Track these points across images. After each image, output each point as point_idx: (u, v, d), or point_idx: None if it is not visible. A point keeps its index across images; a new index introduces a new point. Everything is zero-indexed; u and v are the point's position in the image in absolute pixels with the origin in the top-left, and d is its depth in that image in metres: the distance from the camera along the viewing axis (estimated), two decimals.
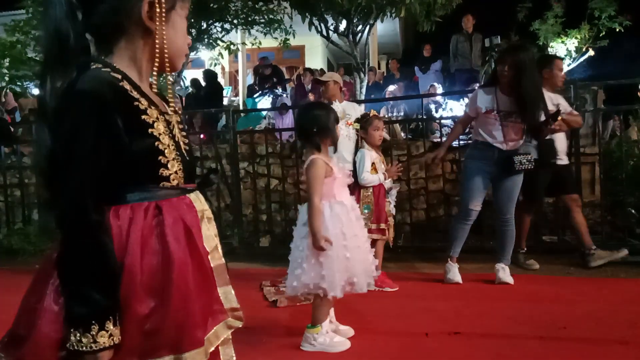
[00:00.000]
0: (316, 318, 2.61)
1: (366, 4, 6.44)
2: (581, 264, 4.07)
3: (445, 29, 7.73)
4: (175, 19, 1.11)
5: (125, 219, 1.00)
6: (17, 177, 6.14)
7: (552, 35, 8.34)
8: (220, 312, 1.13)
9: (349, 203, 2.60)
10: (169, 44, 1.09)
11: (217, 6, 7.47)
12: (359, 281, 2.51)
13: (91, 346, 0.93)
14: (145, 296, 0.99)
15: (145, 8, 1.05)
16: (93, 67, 1.03)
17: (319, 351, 2.55)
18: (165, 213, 1.03)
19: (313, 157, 2.54)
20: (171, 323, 1.00)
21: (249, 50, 10.46)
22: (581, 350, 2.48)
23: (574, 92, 4.75)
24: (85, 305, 0.93)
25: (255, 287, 3.82)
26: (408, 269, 4.31)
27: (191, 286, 1.03)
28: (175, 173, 1.07)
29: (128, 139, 1.00)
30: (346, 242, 2.49)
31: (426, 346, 2.61)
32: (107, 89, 1.00)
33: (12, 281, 4.47)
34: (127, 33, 1.07)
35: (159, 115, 1.07)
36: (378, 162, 3.67)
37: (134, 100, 1.04)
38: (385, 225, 3.60)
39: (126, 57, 1.08)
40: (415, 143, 5.77)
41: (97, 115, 0.97)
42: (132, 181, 1.03)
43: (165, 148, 1.06)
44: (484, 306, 3.19)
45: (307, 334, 2.61)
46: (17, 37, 8.19)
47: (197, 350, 1.03)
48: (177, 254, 1.01)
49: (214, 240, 1.14)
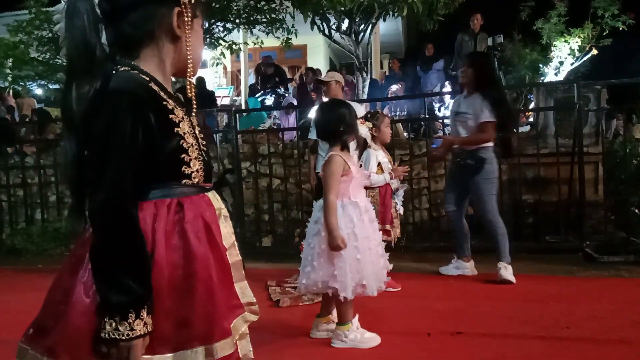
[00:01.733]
0: (344, 315, 2.59)
1: (368, 3, 6.43)
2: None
3: (448, 28, 7.72)
4: (197, 27, 1.17)
5: (149, 215, 1.04)
6: (20, 177, 6.15)
7: (555, 34, 8.32)
8: (238, 307, 1.17)
9: (363, 204, 2.59)
10: (193, 50, 1.15)
11: (219, 5, 7.47)
12: (369, 284, 2.50)
13: (128, 334, 0.96)
14: (172, 289, 1.03)
15: (176, 17, 1.10)
16: (121, 69, 1.08)
17: (350, 347, 2.55)
18: (187, 210, 1.08)
19: (332, 154, 2.54)
20: (199, 315, 1.04)
21: (251, 49, 10.44)
22: (584, 350, 2.48)
23: (577, 91, 4.74)
24: (124, 293, 0.96)
25: (257, 286, 3.81)
26: (411, 269, 4.31)
27: (215, 279, 1.08)
28: (196, 171, 1.12)
29: (159, 136, 1.05)
30: (357, 244, 2.48)
31: (429, 346, 2.60)
32: (140, 88, 1.05)
33: (15, 280, 4.49)
34: (156, 39, 1.12)
35: (184, 116, 1.12)
36: (385, 162, 3.65)
37: (163, 100, 1.09)
38: (390, 226, 3.58)
39: (153, 62, 1.13)
40: (418, 142, 5.77)
41: (133, 112, 1.02)
42: (157, 178, 1.07)
43: (189, 147, 1.11)
44: (486, 306, 3.19)
45: (338, 331, 2.59)
46: (19, 37, 8.19)
47: (226, 340, 1.08)
48: (199, 249, 1.06)
49: (231, 237, 1.19)
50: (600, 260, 4.19)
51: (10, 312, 1.58)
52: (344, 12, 6.83)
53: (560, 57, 8.20)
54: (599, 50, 8.28)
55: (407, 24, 12.77)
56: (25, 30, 8.05)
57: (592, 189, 4.95)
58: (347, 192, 2.54)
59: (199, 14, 1.17)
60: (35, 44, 8.16)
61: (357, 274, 2.47)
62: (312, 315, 2.91)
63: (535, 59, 8.65)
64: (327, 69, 11.04)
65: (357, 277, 2.47)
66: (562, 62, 8.18)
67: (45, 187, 6.14)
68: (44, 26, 7.93)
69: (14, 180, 6.22)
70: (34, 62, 8.62)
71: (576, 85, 4.79)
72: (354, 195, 2.56)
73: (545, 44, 8.53)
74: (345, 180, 2.53)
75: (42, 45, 8.12)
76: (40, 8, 7.90)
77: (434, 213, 5.53)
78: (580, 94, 4.76)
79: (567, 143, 4.88)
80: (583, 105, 4.80)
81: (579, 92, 4.72)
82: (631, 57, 10.35)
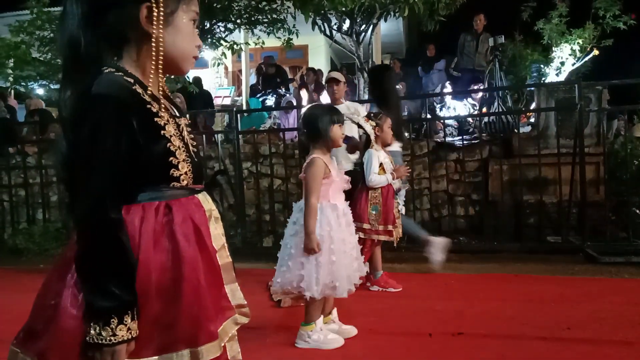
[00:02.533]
0: (310, 315, 2.63)
1: (369, 4, 6.42)
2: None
3: (449, 29, 7.71)
4: (179, 22, 1.12)
5: (137, 218, 1.04)
6: (21, 177, 6.16)
7: (556, 34, 8.30)
8: (228, 309, 1.17)
9: (341, 207, 2.63)
10: (171, 48, 1.11)
11: (221, 6, 7.47)
12: (340, 285, 2.53)
13: (111, 339, 0.96)
14: (159, 292, 1.03)
15: (144, 13, 1.07)
16: (106, 71, 1.06)
17: (314, 348, 2.58)
18: (175, 212, 1.07)
19: (313, 157, 2.57)
20: (185, 317, 1.04)
21: (252, 50, 10.44)
22: (585, 351, 2.47)
23: (578, 91, 4.74)
24: (107, 299, 0.97)
25: (258, 286, 3.81)
26: (411, 269, 4.31)
27: (203, 282, 1.07)
28: (185, 174, 1.11)
29: (142, 140, 1.04)
30: (333, 246, 2.51)
31: (429, 347, 2.60)
32: (123, 92, 1.03)
33: (17, 281, 4.49)
34: (131, 38, 1.09)
35: (170, 118, 1.11)
36: (387, 162, 3.65)
37: (147, 103, 1.07)
38: (392, 226, 3.58)
39: (135, 62, 1.11)
40: (419, 143, 5.77)
41: (115, 116, 1.01)
42: (144, 181, 1.06)
43: (176, 149, 1.09)
44: (487, 307, 3.19)
45: (302, 331, 2.63)
46: (21, 38, 8.21)
47: (212, 343, 1.07)
48: (188, 252, 1.06)
49: (221, 239, 1.18)
50: (601, 261, 4.19)
51: (12, 312, 1.58)
52: (345, 13, 6.82)
53: (561, 58, 8.19)
54: (600, 51, 8.27)
55: (408, 25, 12.77)
56: (26, 30, 8.07)
57: (593, 190, 4.95)
58: (327, 194, 2.58)
59: (182, 8, 1.12)
60: (37, 44, 8.18)
61: (329, 276, 2.50)
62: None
63: (537, 60, 8.64)
64: (328, 69, 11.03)
65: (328, 279, 2.50)
66: (563, 63, 8.17)
67: (46, 187, 6.15)
68: (46, 26, 7.94)
69: (16, 180, 6.23)
70: (35, 62, 8.63)
71: (577, 86, 4.78)
72: (333, 197, 2.60)
73: (547, 44, 8.52)
74: (326, 182, 2.57)
75: (44, 45, 8.13)
76: (41, 8, 7.91)
77: (434, 213, 5.53)
78: (582, 95, 4.76)
79: (568, 143, 4.87)
80: (584, 106, 4.80)
81: (580, 92, 4.72)
82: (632, 57, 10.33)
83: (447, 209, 5.56)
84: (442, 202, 5.62)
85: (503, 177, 5.15)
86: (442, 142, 5.94)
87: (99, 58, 1.08)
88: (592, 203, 4.78)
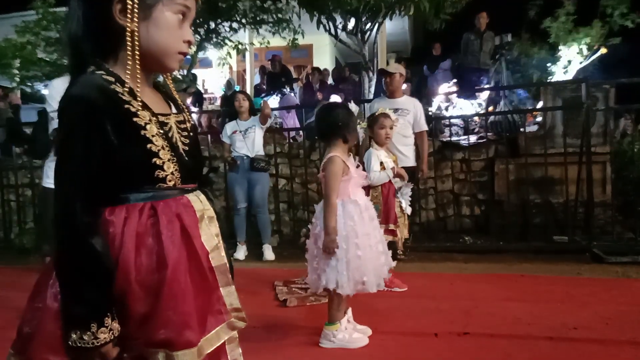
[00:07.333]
0: (333, 315, 2.62)
1: (375, 2, 6.41)
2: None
3: (455, 28, 7.68)
4: (159, 15, 1.06)
5: (120, 220, 1.02)
6: (28, 177, 6.19)
7: (563, 33, 8.25)
8: (222, 313, 1.13)
9: (362, 202, 2.62)
10: (151, 43, 1.06)
11: (226, 6, 7.49)
12: (368, 280, 2.52)
13: (93, 342, 0.96)
14: (140, 293, 1.01)
15: (117, 7, 1.03)
16: (89, 70, 1.05)
17: (339, 347, 2.56)
18: (160, 213, 1.04)
19: (331, 155, 2.57)
20: (162, 321, 1.01)
21: (256, 49, 10.46)
22: (591, 351, 2.46)
23: (585, 90, 4.71)
24: (82, 305, 0.96)
25: (264, 286, 3.82)
26: (417, 269, 4.30)
27: (185, 286, 1.04)
28: (171, 174, 1.08)
29: (119, 142, 1.01)
30: (358, 240, 2.50)
31: (435, 346, 2.60)
32: (96, 94, 1.00)
33: (24, 280, 4.52)
34: (111, 34, 1.06)
35: (152, 117, 1.07)
36: (387, 161, 3.64)
37: (125, 103, 1.03)
38: (394, 225, 3.57)
39: (115, 59, 1.08)
40: None
41: (86, 119, 0.99)
42: (126, 183, 1.04)
43: (159, 150, 1.06)
44: (492, 306, 3.18)
45: (326, 331, 2.62)
46: (27, 38, 8.26)
47: (188, 350, 1.03)
48: (172, 254, 1.03)
49: (215, 239, 1.14)
50: (608, 261, 4.17)
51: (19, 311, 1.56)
52: (350, 12, 6.81)
53: (568, 56, 8.14)
54: (608, 49, 8.21)
55: (413, 23, 12.75)
56: (32, 30, 8.13)
57: (600, 189, 4.92)
58: (346, 191, 2.58)
59: (163, 1, 1.05)
60: (43, 45, 8.22)
61: (357, 271, 2.49)
62: (319, 314, 2.92)
63: (543, 58, 8.60)
64: (332, 68, 11.03)
65: (356, 274, 2.50)
66: (570, 61, 8.12)
67: None
68: (51, 27, 7.99)
69: (22, 180, 6.27)
70: (41, 62, 8.68)
71: (584, 85, 4.76)
72: (353, 193, 2.60)
73: (553, 43, 8.47)
74: (345, 179, 2.57)
75: (50, 45, 8.18)
76: (47, 9, 7.96)
77: (440, 213, 5.51)
78: (589, 94, 4.73)
79: (575, 143, 4.85)
80: (591, 105, 4.77)
81: (587, 91, 4.70)
82: None
83: (452, 208, 5.55)
84: (448, 202, 5.60)
85: (509, 176, 5.13)
86: (447, 141, 5.92)
87: (89, 57, 1.07)
88: (599, 203, 4.76)
